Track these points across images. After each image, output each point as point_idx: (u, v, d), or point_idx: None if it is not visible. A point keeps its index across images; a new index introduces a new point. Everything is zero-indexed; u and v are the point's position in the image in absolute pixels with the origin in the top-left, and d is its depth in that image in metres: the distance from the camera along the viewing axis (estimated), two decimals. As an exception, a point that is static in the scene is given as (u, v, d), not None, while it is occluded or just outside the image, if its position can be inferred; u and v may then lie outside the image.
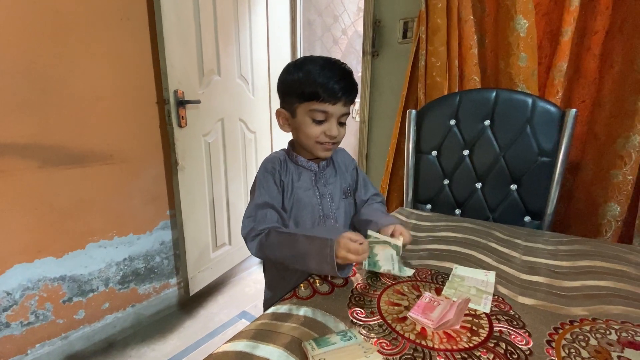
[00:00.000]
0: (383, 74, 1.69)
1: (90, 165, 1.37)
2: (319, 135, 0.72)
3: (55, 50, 1.24)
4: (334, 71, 0.70)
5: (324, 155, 0.76)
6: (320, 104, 0.69)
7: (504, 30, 1.20)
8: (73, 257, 1.37)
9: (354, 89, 0.72)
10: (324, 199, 0.79)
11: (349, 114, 0.75)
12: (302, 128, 0.73)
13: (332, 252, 0.57)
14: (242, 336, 0.47)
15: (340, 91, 0.69)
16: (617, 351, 0.46)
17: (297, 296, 0.58)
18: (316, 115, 0.71)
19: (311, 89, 0.69)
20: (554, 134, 1.04)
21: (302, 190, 0.77)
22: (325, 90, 0.68)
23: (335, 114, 0.71)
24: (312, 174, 0.79)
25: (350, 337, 0.45)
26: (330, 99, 0.69)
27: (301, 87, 0.70)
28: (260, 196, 0.73)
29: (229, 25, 1.72)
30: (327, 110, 0.70)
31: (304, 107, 0.72)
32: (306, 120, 0.72)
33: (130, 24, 1.42)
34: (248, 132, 1.96)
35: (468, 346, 0.46)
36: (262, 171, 0.76)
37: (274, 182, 0.75)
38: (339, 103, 0.70)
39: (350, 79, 0.71)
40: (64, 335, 1.39)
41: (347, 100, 0.72)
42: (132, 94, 1.46)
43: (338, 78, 0.69)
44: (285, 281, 0.77)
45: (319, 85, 0.68)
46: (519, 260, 0.74)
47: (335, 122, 0.72)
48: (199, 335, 1.54)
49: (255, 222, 0.70)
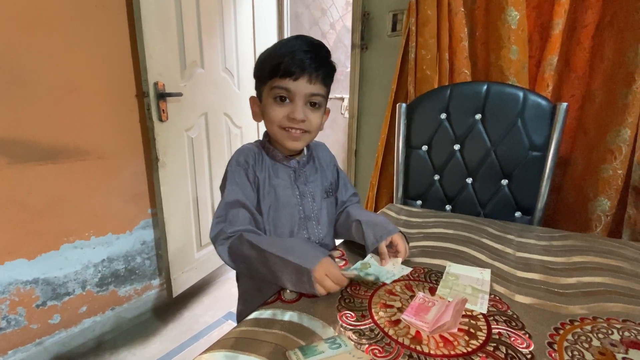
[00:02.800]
0: (372, 67, 1.65)
1: (64, 162, 1.29)
2: (282, 119, 0.63)
3: (26, 40, 1.16)
4: (297, 42, 0.62)
5: (291, 146, 0.66)
6: (281, 79, 0.61)
7: (494, 22, 1.18)
8: (46, 258, 1.30)
9: (324, 63, 0.63)
10: (305, 198, 0.72)
11: (321, 95, 0.65)
12: (266, 112, 0.65)
13: (309, 281, 0.51)
14: (220, 345, 0.42)
15: (302, 63, 0.59)
16: (621, 352, 0.43)
17: (282, 299, 0.54)
18: (277, 92, 0.62)
19: (272, 62, 0.61)
20: (545, 128, 1.02)
21: (280, 188, 0.69)
22: (285, 63, 0.59)
23: (300, 92, 0.62)
24: (291, 171, 0.71)
25: (339, 344, 0.42)
26: (292, 73, 0.60)
27: (264, 64, 0.63)
28: (230, 193, 0.64)
29: (212, 16, 1.65)
30: (287, 86, 0.61)
31: (267, 87, 0.64)
32: (269, 102, 0.64)
33: (106, 12, 1.34)
34: (234, 127, 1.90)
35: (466, 351, 0.43)
36: (233, 164, 0.67)
37: (247, 177, 0.66)
38: (303, 78, 0.61)
39: (316, 51, 0.62)
40: (38, 341, 1.31)
41: (314, 76, 0.61)
42: (110, 86, 1.39)
43: (303, 49, 0.60)
44: (262, 293, 0.67)
45: (279, 57, 0.60)
46: (513, 256, 0.72)
47: (300, 103, 0.62)
48: (182, 338, 1.49)
49: (224, 224, 0.62)
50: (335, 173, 0.81)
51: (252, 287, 0.73)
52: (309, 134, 0.67)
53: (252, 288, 0.73)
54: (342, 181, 0.82)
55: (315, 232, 0.74)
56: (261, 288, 0.69)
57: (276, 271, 0.55)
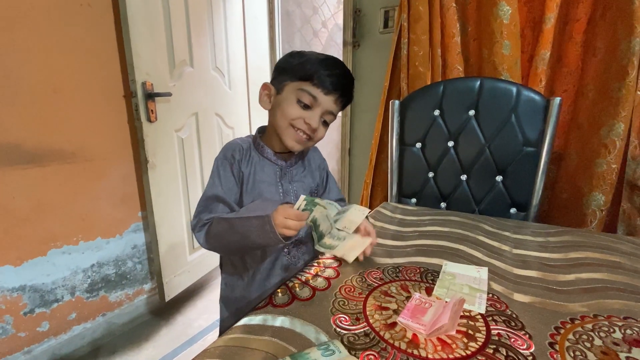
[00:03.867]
0: (364, 65, 1.64)
1: (50, 165, 1.25)
2: (297, 118, 0.66)
3: (6, 40, 1.12)
4: (337, 64, 0.66)
5: (291, 145, 0.68)
6: (313, 87, 0.64)
7: (487, 17, 1.17)
8: (33, 265, 1.26)
9: (350, 92, 0.69)
10: (288, 196, 0.72)
11: (335, 115, 0.70)
12: (282, 105, 0.67)
13: (272, 228, 0.55)
14: (207, 355, 0.40)
15: (337, 84, 0.65)
16: (624, 351, 0.42)
17: (273, 304, 0.52)
18: (304, 96, 0.65)
19: (309, 69, 0.65)
20: (538, 123, 1.02)
21: (264, 184, 0.70)
22: (323, 76, 0.64)
23: (323, 106, 0.66)
24: (277, 168, 0.72)
25: (332, 350, 0.40)
26: (324, 87, 0.64)
27: (300, 66, 0.66)
28: (212, 187, 0.67)
29: (201, 14, 1.62)
30: (317, 96, 0.65)
31: (294, 85, 0.66)
32: (291, 99, 0.66)
33: (91, 11, 1.31)
34: (225, 127, 1.86)
35: (465, 354, 0.41)
36: (220, 158, 0.69)
37: (232, 172, 0.68)
38: (331, 96, 0.65)
39: (350, 79, 0.68)
40: (26, 350, 1.27)
41: (340, 99, 0.67)
42: (96, 86, 1.35)
43: (339, 72, 0.66)
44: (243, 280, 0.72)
45: (318, 69, 0.64)
46: (510, 254, 0.71)
47: (318, 113, 0.66)
48: (176, 343, 1.46)
49: (202, 215, 0.66)
50: (324, 177, 0.82)
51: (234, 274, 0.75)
52: (311, 142, 0.70)
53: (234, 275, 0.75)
54: (330, 185, 0.83)
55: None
56: (242, 275, 0.72)
57: (244, 232, 0.59)
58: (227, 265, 0.76)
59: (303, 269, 0.64)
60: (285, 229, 0.55)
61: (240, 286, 0.73)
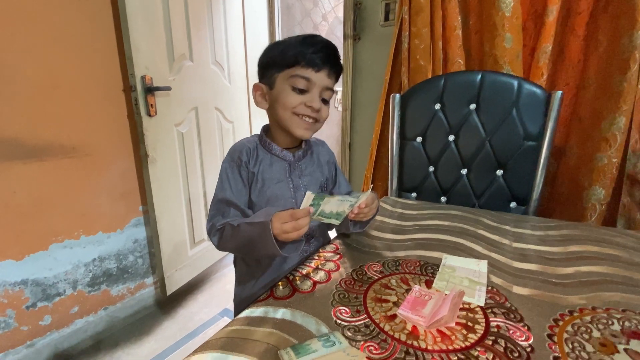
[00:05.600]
0: (365, 58, 1.63)
1: (50, 160, 1.25)
2: (298, 105, 0.65)
3: (4, 34, 1.11)
4: (316, 39, 0.65)
5: (301, 134, 0.68)
6: (303, 69, 0.63)
7: (488, 10, 1.16)
8: (35, 259, 1.26)
9: (338, 62, 0.67)
10: (298, 191, 0.72)
11: (332, 90, 0.69)
12: (280, 98, 0.66)
13: (270, 235, 0.54)
14: (209, 346, 0.41)
15: (324, 58, 0.64)
16: (622, 343, 0.42)
17: (274, 296, 0.52)
18: (297, 81, 0.64)
19: (293, 53, 0.63)
20: (539, 117, 1.01)
21: (274, 182, 0.70)
22: (308, 55, 0.63)
23: (318, 84, 0.65)
24: (286, 164, 0.72)
25: (333, 342, 0.40)
26: (313, 65, 0.63)
27: (282, 55, 0.65)
28: (222, 191, 0.68)
29: (201, 7, 1.61)
30: (309, 76, 0.64)
31: (284, 75, 0.65)
32: (285, 89, 0.65)
33: (90, 5, 1.29)
34: (225, 121, 1.86)
35: (464, 345, 0.42)
36: (227, 160, 0.70)
37: (239, 174, 0.68)
38: (322, 71, 0.64)
39: (334, 49, 0.66)
40: (29, 343, 1.28)
41: (331, 72, 0.66)
42: (95, 81, 1.34)
43: (321, 46, 0.64)
44: (254, 279, 0.72)
45: (301, 50, 0.63)
46: (509, 247, 0.71)
47: (317, 93, 0.65)
48: (178, 336, 1.47)
49: (215, 219, 0.66)
50: (332, 170, 0.82)
51: (245, 272, 0.75)
52: (318, 124, 0.70)
53: (245, 273, 0.75)
54: (339, 179, 0.83)
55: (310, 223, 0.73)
56: (254, 274, 0.72)
57: (249, 238, 0.58)
58: (240, 264, 0.77)
59: (304, 262, 0.64)
60: (285, 234, 0.54)
61: (250, 284, 0.73)
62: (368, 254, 0.67)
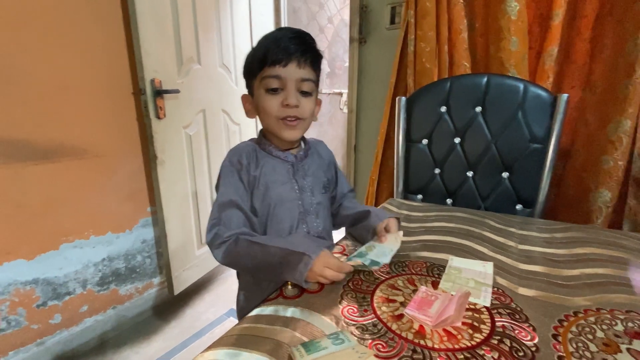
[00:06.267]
0: (371, 61, 1.64)
1: (60, 161, 1.28)
2: (277, 108, 0.63)
3: (16, 38, 1.14)
4: (281, 32, 0.63)
5: (288, 136, 0.66)
6: (270, 68, 0.61)
7: (494, 14, 1.17)
8: (46, 258, 1.29)
9: (310, 48, 0.64)
10: (304, 192, 0.71)
11: (311, 80, 0.65)
12: (260, 105, 0.65)
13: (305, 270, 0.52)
14: (222, 343, 0.42)
15: (289, 48, 0.61)
16: (625, 343, 0.43)
17: (283, 295, 0.53)
18: (269, 82, 0.62)
19: (259, 54, 0.62)
20: (545, 120, 1.02)
21: (278, 184, 0.68)
22: (272, 51, 0.60)
23: (291, 78, 0.62)
24: (289, 165, 0.70)
25: (342, 339, 0.41)
26: (280, 59, 0.61)
27: (252, 60, 0.64)
28: (224, 194, 0.64)
29: (208, 11, 1.63)
30: (278, 73, 0.61)
31: (258, 80, 0.64)
32: (261, 93, 0.64)
33: (100, 8, 1.32)
34: (232, 123, 1.88)
35: (470, 344, 0.43)
36: (227, 164, 0.67)
37: (240, 179, 0.66)
38: (292, 64, 0.61)
39: (301, 37, 0.63)
40: (39, 341, 1.31)
41: (302, 60, 0.62)
42: (105, 84, 1.37)
43: (287, 37, 0.62)
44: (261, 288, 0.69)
45: (265, 47, 0.62)
46: (515, 249, 0.71)
47: (293, 88, 0.63)
48: (185, 335, 1.49)
49: (219, 227, 0.62)
50: (333, 170, 0.82)
51: (251, 282, 0.73)
52: (304, 122, 0.67)
53: (251, 283, 0.73)
54: (340, 179, 0.83)
55: (314, 225, 0.73)
56: (260, 283, 0.70)
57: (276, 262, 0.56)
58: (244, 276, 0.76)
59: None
60: (321, 277, 0.53)
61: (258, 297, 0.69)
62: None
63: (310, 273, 0.53)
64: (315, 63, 0.66)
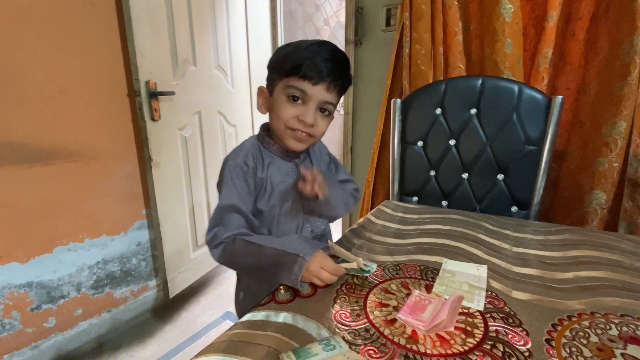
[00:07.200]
0: (367, 63, 1.64)
1: (55, 163, 1.27)
2: (290, 119, 0.62)
3: (11, 40, 1.13)
4: (322, 48, 0.61)
5: (293, 146, 0.65)
6: (299, 80, 0.60)
7: (489, 16, 1.17)
8: (40, 261, 1.28)
9: (344, 74, 0.63)
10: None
11: (334, 104, 0.65)
12: (275, 107, 0.64)
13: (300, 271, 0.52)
14: (212, 350, 0.42)
15: (324, 70, 0.59)
16: (619, 348, 0.43)
17: (275, 300, 0.53)
18: (292, 91, 0.61)
19: (293, 62, 0.60)
20: (540, 122, 1.02)
21: (283, 185, 0.67)
22: (307, 66, 0.59)
23: (315, 98, 0.61)
24: (293, 165, 0.70)
25: (333, 345, 0.41)
26: (312, 77, 0.59)
27: (283, 61, 0.62)
28: (226, 197, 0.63)
29: (204, 13, 1.63)
30: (305, 89, 0.60)
31: (282, 84, 0.62)
32: (281, 98, 0.63)
33: (95, 11, 1.32)
34: (228, 125, 1.88)
35: (463, 349, 0.42)
36: (231, 165, 0.65)
37: (245, 180, 0.64)
38: (322, 85, 0.60)
39: (340, 61, 0.62)
40: (34, 345, 1.30)
41: (333, 85, 0.61)
42: (100, 85, 1.36)
43: (326, 56, 0.60)
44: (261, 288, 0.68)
45: (301, 59, 0.59)
46: (509, 252, 0.71)
47: (313, 107, 0.62)
48: (180, 339, 1.48)
49: (218, 228, 0.62)
50: (328, 160, 0.80)
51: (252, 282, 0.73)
52: (313, 139, 0.66)
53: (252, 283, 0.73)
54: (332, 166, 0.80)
55: (317, 225, 0.74)
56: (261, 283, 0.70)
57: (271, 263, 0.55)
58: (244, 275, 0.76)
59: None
60: (316, 278, 0.53)
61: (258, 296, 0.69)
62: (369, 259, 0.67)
63: (305, 273, 0.53)
64: (343, 90, 0.65)
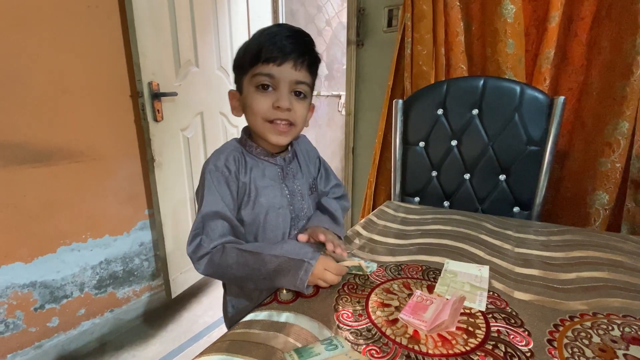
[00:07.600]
0: (368, 64, 1.64)
1: (59, 164, 1.28)
2: (267, 110, 0.58)
3: (16, 42, 1.14)
4: (280, 28, 0.58)
5: (274, 141, 0.61)
6: (263, 65, 0.56)
7: (491, 16, 1.17)
8: (43, 261, 1.29)
9: (309, 49, 0.59)
10: (295, 197, 0.67)
11: (307, 83, 0.60)
12: (247, 103, 0.60)
13: (306, 276, 0.52)
14: (214, 349, 0.42)
15: (287, 46, 0.56)
16: (622, 348, 0.43)
17: (278, 300, 0.53)
18: (260, 79, 0.57)
19: (253, 49, 0.57)
20: (542, 123, 1.02)
21: (269, 189, 0.64)
22: (267, 48, 0.56)
23: (284, 79, 0.57)
24: (278, 169, 0.66)
25: (335, 345, 0.41)
26: (275, 58, 0.56)
27: (245, 53, 0.59)
28: (208, 204, 0.59)
29: (206, 14, 1.64)
30: (271, 72, 0.56)
31: (248, 76, 0.59)
32: (251, 91, 0.59)
33: (98, 12, 1.33)
34: (230, 126, 1.88)
35: (465, 350, 0.42)
36: (212, 169, 0.60)
37: (227, 185, 0.60)
38: (287, 63, 0.57)
39: (301, 37, 0.59)
40: (37, 345, 1.31)
41: (299, 62, 0.57)
42: (103, 86, 1.37)
43: (285, 34, 0.57)
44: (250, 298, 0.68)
45: (261, 43, 0.56)
46: (511, 252, 0.71)
47: (285, 90, 0.58)
48: (182, 339, 1.48)
49: (201, 238, 0.58)
50: (317, 164, 0.77)
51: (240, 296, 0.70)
52: (295, 128, 0.62)
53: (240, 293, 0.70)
54: (323, 171, 0.77)
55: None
56: (251, 293, 0.67)
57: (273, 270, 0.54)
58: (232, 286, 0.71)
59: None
60: (321, 280, 0.53)
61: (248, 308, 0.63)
62: (371, 259, 0.68)
63: (310, 276, 0.52)
64: (313, 66, 0.61)
